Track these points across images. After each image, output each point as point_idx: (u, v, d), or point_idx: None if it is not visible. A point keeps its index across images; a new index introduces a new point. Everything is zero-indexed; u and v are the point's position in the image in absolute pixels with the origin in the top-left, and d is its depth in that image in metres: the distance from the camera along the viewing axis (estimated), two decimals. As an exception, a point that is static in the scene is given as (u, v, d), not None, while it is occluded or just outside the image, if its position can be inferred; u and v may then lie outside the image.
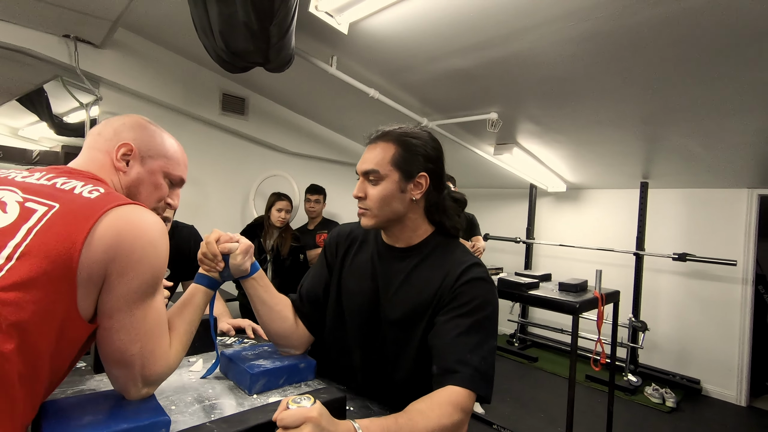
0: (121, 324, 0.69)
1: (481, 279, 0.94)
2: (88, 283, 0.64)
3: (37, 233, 0.61)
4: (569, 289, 2.41)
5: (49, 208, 0.64)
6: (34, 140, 6.22)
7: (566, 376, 3.65)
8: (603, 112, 2.61)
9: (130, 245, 0.66)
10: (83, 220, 0.63)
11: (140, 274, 0.68)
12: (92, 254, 0.63)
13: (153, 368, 0.74)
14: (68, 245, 0.61)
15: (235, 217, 3.56)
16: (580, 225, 4.34)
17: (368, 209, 0.98)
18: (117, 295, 0.67)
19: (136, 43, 2.80)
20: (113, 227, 0.65)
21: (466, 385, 0.81)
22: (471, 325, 0.88)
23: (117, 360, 0.71)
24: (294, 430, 0.60)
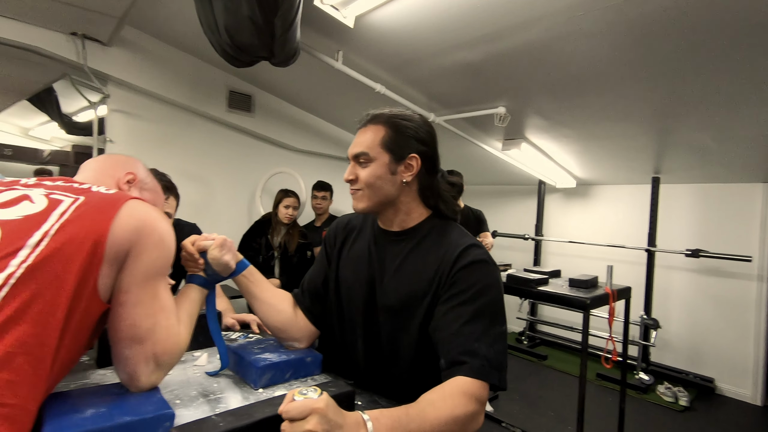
0: (136, 298, 0.74)
1: (480, 261, 0.90)
2: (114, 261, 0.71)
3: (70, 217, 0.69)
4: (579, 285, 2.37)
5: (75, 199, 0.73)
6: (46, 140, 6.30)
7: (576, 375, 3.61)
8: (613, 105, 2.56)
9: (151, 229, 0.76)
10: (108, 208, 0.73)
11: (157, 254, 0.77)
12: (120, 233, 0.71)
13: (165, 344, 0.77)
14: (100, 223, 0.70)
15: (242, 215, 3.56)
16: (590, 221, 4.28)
17: (359, 190, 0.98)
18: (135, 271, 0.74)
19: (143, 40, 2.81)
20: (136, 214, 0.75)
21: (476, 375, 0.78)
22: (474, 313, 0.84)
23: (130, 336, 0.74)
24: (300, 422, 0.59)
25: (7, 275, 0.61)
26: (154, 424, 0.71)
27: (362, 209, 0.99)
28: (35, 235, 0.66)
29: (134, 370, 0.76)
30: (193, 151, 3.21)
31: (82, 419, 0.67)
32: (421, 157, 0.97)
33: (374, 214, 1.03)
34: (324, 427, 0.59)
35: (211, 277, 1.00)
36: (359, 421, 0.65)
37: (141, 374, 0.76)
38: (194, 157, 3.22)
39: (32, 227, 0.67)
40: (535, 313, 4.60)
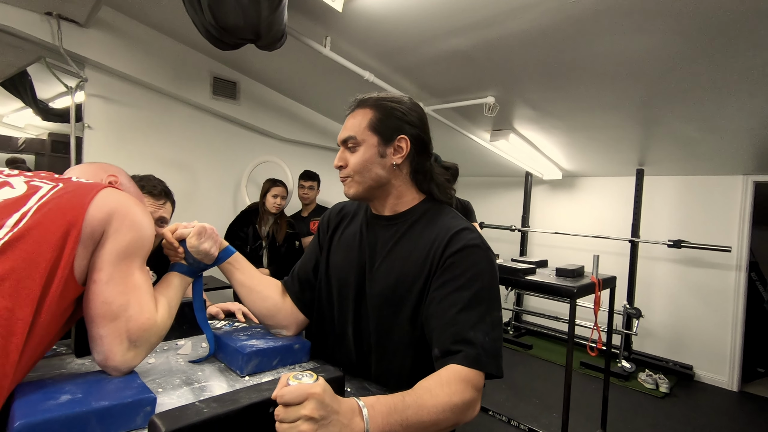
0: (109, 276, 0.75)
1: (473, 246, 0.87)
2: (89, 242, 0.73)
3: (47, 200, 0.72)
4: (566, 274, 2.39)
5: (55, 185, 0.76)
6: (20, 127, 6.07)
7: (561, 364, 3.67)
8: (601, 95, 2.57)
9: (125, 211, 0.78)
10: (86, 192, 0.76)
11: (131, 235, 0.78)
12: (95, 214, 0.74)
13: (138, 321, 0.77)
14: (76, 206, 0.73)
15: (227, 204, 3.50)
16: (576, 213, 4.33)
17: (349, 177, 0.96)
18: (109, 249, 0.75)
19: (121, 22, 2.70)
20: (112, 198, 0.79)
21: (471, 364, 0.76)
22: (470, 300, 0.82)
23: (104, 313, 0.74)
24: (296, 407, 0.56)
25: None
26: (133, 409, 0.68)
27: (353, 195, 0.97)
28: (13, 216, 0.68)
29: (109, 349, 0.75)
30: (175, 139, 3.13)
31: (56, 405, 0.64)
32: (411, 139, 0.94)
33: (366, 200, 1.01)
34: (320, 413, 0.56)
35: (193, 265, 0.98)
36: (354, 407, 0.63)
37: (116, 353, 0.75)
38: (177, 144, 3.14)
39: (11, 210, 0.69)
40: (520, 304, 4.65)
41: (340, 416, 0.59)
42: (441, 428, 0.71)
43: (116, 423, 0.66)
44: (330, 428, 0.57)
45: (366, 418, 0.62)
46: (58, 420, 0.61)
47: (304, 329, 1.13)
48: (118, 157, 2.82)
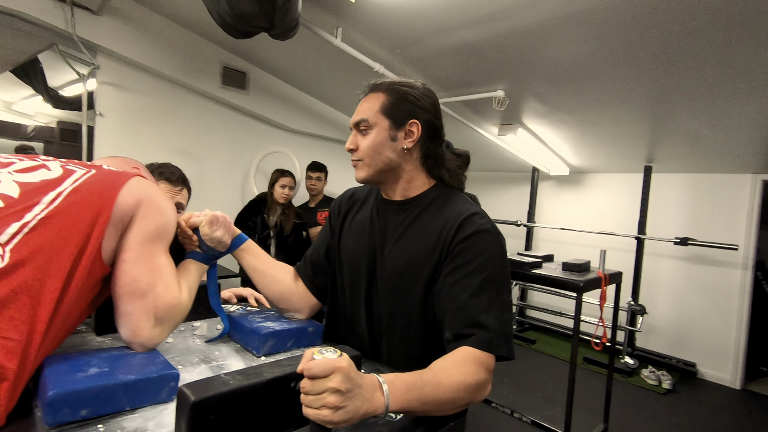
0: (138, 255, 0.79)
1: (484, 231, 0.88)
2: (118, 224, 0.78)
3: (82, 183, 0.77)
4: (573, 268, 2.40)
5: (88, 171, 0.81)
6: (29, 115, 6.11)
7: (564, 359, 3.68)
8: (611, 90, 2.56)
9: (152, 198, 0.83)
10: (117, 178, 0.81)
11: (158, 220, 0.83)
12: (125, 199, 0.78)
13: (165, 299, 0.81)
14: (108, 192, 0.77)
15: (235, 194, 3.52)
16: (582, 209, 4.32)
17: (360, 160, 0.97)
18: (136, 231, 0.80)
19: (134, 10, 2.72)
20: (141, 185, 0.83)
21: (483, 347, 0.78)
22: (481, 284, 0.83)
23: (132, 291, 0.78)
24: (322, 380, 0.57)
25: (22, 224, 0.68)
26: (158, 384, 0.70)
27: (363, 178, 0.98)
28: (50, 194, 0.73)
29: (136, 325, 0.78)
30: (185, 128, 3.15)
31: (85, 377, 0.66)
32: (423, 123, 0.95)
33: (376, 183, 1.01)
34: (346, 386, 0.58)
35: (207, 252, 1.01)
36: (376, 383, 0.64)
37: (143, 329, 0.79)
38: (186, 133, 3.16)
39: (48, 188, 0.74)
40: (525, 299, 4.67)
41: (363, 390, 0.61)
42: (455, 407, 0.73)
43: (142, 396, 0.69)
44: (354, 401, 0.59)
45: (386, 394, 0.64)
46: (88, 391, 0.63)
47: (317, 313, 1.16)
48: (128, 145, 2.84)
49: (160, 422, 0.67)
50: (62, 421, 0.61)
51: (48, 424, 0.61)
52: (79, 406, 0.62)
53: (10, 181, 0.74)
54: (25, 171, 0.77)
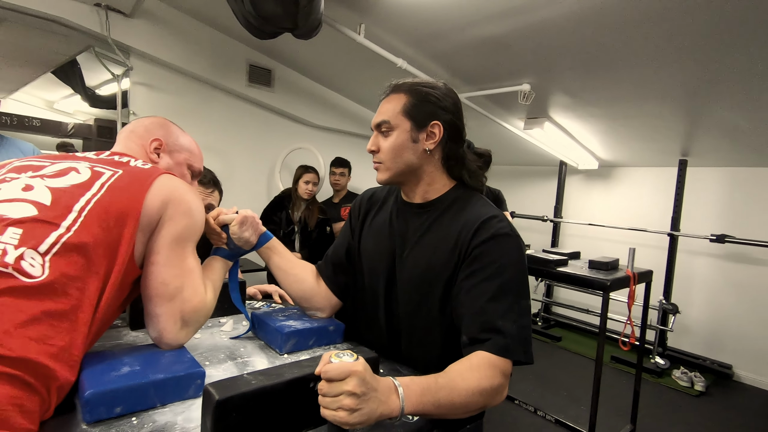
0: (166, 259, 0.81)
1: (502, 235, 0.87)
2: (147, 228, 0.79)
3: (109, 187, 0.78)
4: (600, 266, 2.34)
5: (115, 173, 0.81)
6: (69, 113, 6.40)
7: (590, 357, 3.61)
8: (644, 83, 2.46)
9: (179, 199, 0.83)
10: (144, 179, 0.81)
11: (186, 221, 0.84)
12: (152, 203, 0.79)
13: (192, 303, 0.83)
14: (135, 195, 0.78)
15: (261, 189, 3.60)
16: (612, 204, 4.19)
17: (381, 162, 0.97)
18: (164, 234, 0.81)
19: (164, 11, 2.80)
20: (168, 186, 0.83)
21: (500, 352, 0.78)
22: (499, 289, 0.83)
23: (161, 294, 0.81)
24: (339, 383, 0.60)
25: (59, 234, 0.69)
26: (186, 381, 0.74)
27: (384, 180, 0.98)
28: (81, 200, 0.74)
29: (163, 327, 0.82)
30: (213, 125, 3.23)
31: (118, 376, 0.70)
32: (445, 124, 0.94)
33: (397, 185, 1.02)
34: (362, 389, 0.60)
35: (233, 250, 1.04)
36: (391, 386, 0.66)
37: (170, 331, 0.82)
38: (214, 131, 3.24)
39: (78, 194, 0.75)
40: (550, 295, 4.59)
41: (379, 393, 0.63)
42: (470, 410, 0.74)
43: (171, 393, 0.73)
44: (369, 404, 0.61)
45: (401, 397, 0.65)
46: (121, 390, 0.68)
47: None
48: (160, 143, 2.93)
49: (188, 417, 0.71)
50: (99, 418, 0.66)
51: (86, 421, 0.65)
52: (113, 404, 0.67)
53: (42, 186, 0.76)
54: (55, 176, 0.79)
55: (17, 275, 0.63)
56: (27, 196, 0.73)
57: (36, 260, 0.65)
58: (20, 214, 0.69)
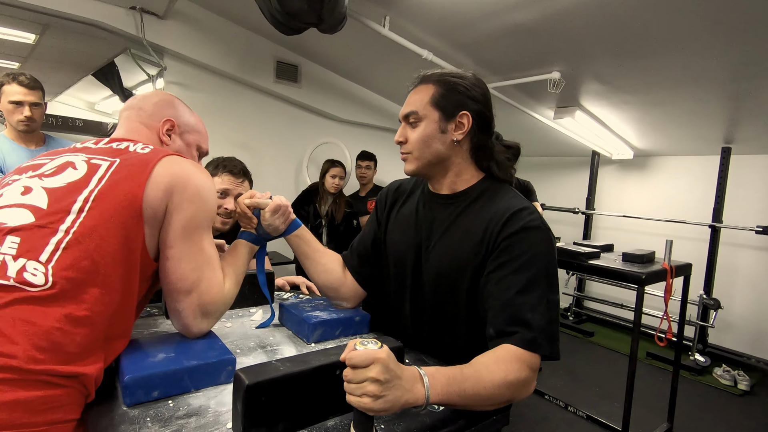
0: (181, 252, 0.78)
1: (532, 228, 0.85)
2: (153, 221, 0.75)
3: (107, 181, 0.73)
4: (634, 259, 2.26)
5: (112, 163, 0.76)
6: (109, 114, 6.70)
7: (624, 353, 3.50)
8: (682, 67, 2.34)
9: (183, 183, 0.78)
10: (142, 167, 0.75)
11: (195, 207, 0.79)
12: (153, 193, 0.74)
13: (210, 295, 0.82)
14: (134, 187, 0.73)
15: (289, 184, 3.66)
16: (648, 195, 4.03)
17: (409, 153, 0.96)
18: (175, 225, 0.77)
19: (195, 11, 2.88)
20: (168, 171, 0.77)
21: (527, 346, 0.77)
22: (527, 282, 0.81)
23: (179, 289, 0.79)
24: (362, 370, 0.61)
25: (58, 240, 0.66)
26: (218, 368, 0.77)
27: (412, 171, 0.98)
28: (78, 200, 0.70)
29: (186, 322, 0.83)
30: (242, 121, 3.31)
31: (155, 362, 0.74)
32: (473, 115, 0.93)
33: (425, 176, 1.01)
34: (385, 376, 0.61)
35: (261, 235, 1.04)
36: (416, 375, 0.67)
37: (192, 324, 0.83)
38: (243, 127, 3.32)
39: (75, 192, 0.71)
40: (582, 289, 4.47)
41: (403, 381, 0.63)
42: (496, 403, 0.74)
43: (204, 379, 0.77)
44: (394, 391, 0.62)
45: (427, 386, 0.66)
46: (158, 375, 0.72)
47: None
48: (192, 140, 3.03)
49: (221, 401, 0.74)
50: (137, 401, 0.70)
51: (126, 404, 0.70)
52: (150, 388, 0.71)
53: (39, 188, 0.72)
54: (52, 174, 0.75)
55: (22, 286, 0.61)
56: (24, 200, 0.70)
57: (39, 270, 0.63)
58: (18, 221, 0.67)
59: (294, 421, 0.67)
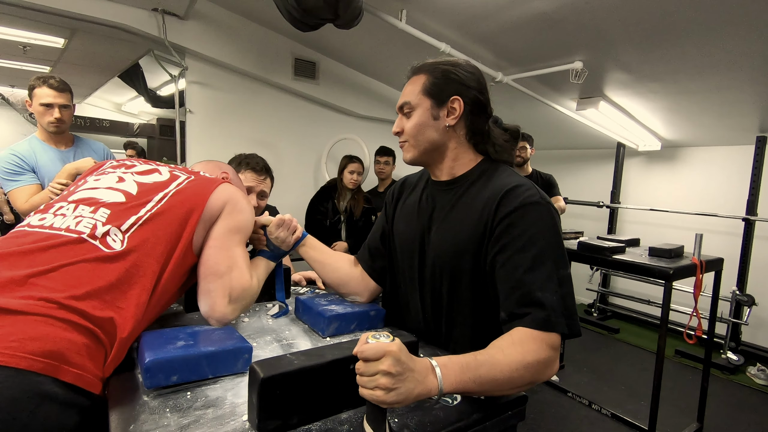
0: (221, 243, 0.94)
1: (530, 203, 0.83)
2: (207, 222, 0.94)
3: (183, 187, 0.96)
4: (662, 254, 2.19)
5: (188, 177, 1.00)
6: (135, 114, 6.90)
7: (651, 350, 3.40)
8: (714, 53, 2.24)
9: (236, 200, 0.99)
10: (210, 184, 0.99)
11: (239, 217, 0.98)
12: (214, 202, 0.95)
13: (239, 282, 0.94)
14: (202, 194, 0.95)
15: (308, 180, 3.69)
16: (677, 187, 3.88)
17: (406, 141, 0.99)
18: (221, 225, 0.96)
19: (214, 11, 2.92)
20: (227, 190, 0.99)
21: (541, 327, 0.75)
22: (534, 259, 0.79)
23: (214, 272, 0.93)
24: (374, 363, 0.61)
25: (138, 217, 0.86)
26: (235, 355, 0.79)
27: (410, 159, 1.00)
28: (159, 194, 0.92)
29: (214, 301, 0.91)
30: (261, 119, 3.35)
31: (174, 348, 0.76)
32: (465, 99, 0.94)
33: (423, 164, 1.02)
34: (397, 369, 0.60)
35: (274, 251, 1.14)
36: (428, 366, 0.66)
37: (219, 305, 0.91)
38: (262, 124, 3.36)
39: (158, 189, 0.94)
40: (607, 285, 4.36)
41: (416, 373, 0.63)
42: (517, 386, 0.73)
43: (221, 365, 0.78)
44: (406, 384, 0.62)
45: (439, 376, 0.66)
46: (177, 359, 0.74)
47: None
48: (212, 137, 3.10)
49: (237, 392, 0.75)
50: (158, 385, 0.73)
51: (147, 387, 0.72)
52: (170, 372, 0.73)
53: (131, 180, 0.95)
54: (143, 174, 0.98)
55: (101, 247, 0.79)
56: (119, 186, 0.93)
57: (117, 236, 0.82)
58: (111, 199, 0.89)
59: (308, 414, 0.67)
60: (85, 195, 0.91)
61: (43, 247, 0.78)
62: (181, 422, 0.66)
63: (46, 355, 0.64)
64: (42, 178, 1.92)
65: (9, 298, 0.68)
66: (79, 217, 0.84)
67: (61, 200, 0.91)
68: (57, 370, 0.65)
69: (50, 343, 0.66)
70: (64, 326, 0.69)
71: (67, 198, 0.91)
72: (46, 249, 0.77)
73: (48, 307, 0.69)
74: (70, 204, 0.88)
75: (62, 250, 0.78)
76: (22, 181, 1.87)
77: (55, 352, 0.65)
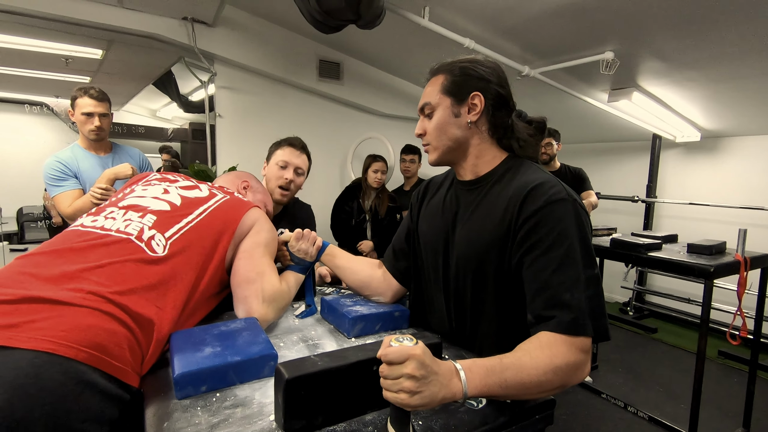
0: (250, 255, 1.04)
1: (556, 201, 0.80)
2: (238, 239, 1.04)
3: (220, 205, 1.07)
4: (702, 251, 2.09)
5: (225, 196, 1.11)
6: (168, 119, 7.16)
7: (692, 350, 3.25)
8: (755, 35, 2.11)
9: (262, 222, 1.10)
10: (242, 206, 1.09)
11: (265, 234, 1.09)
12: (246, 221, 1.06)
13: (270, 284, 1.03)
14: (236, 215, 1.06)
15: (334, 180, 3.73)
16: (718, 180, 3.69)
17: (429, 143, 0.98)
18: (249, 240, 1.06)
19: (240, 17, 2.99)
20: (258, 214, 1.11)
21: (567, 330, 0.73)
22: (561, 259, 0.77)
23: (246, 279, 1.01)
24: (398, 366, 0.61)
25: (180, 226, 0.96)
26: (260, 363, 0.81)
27: (434, 160, 0.99)
28: (199, 209, 1.02)
29: (250, 306, 1.00)
30: (287, 121, 3.41)
31: (203, 358, 0.79)
32: (486, 94, 0.92)
33: (448, 164, 1.01)
34: (420, 372, 0.60)
35: (300, 264, 1.21)
36: (452, 369, 0.66)
37: (255, 308, 1.00)
38: (289, 126, 3.42)
39: (199, 204, 1.04)
40: (643, 283, 4.20)
41: (440, 377, 0.63)
42: (546, 390, 0.71)
43: (247, 373, 0.81)
44: (430, 387, 0.61)
45: (464, 380, 0.65)
46: (205, 371, 0.76)
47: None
48: (241, 140, 3.18)
49: (264, 392, 0.77)
50: (188, 395, 0.75)
51: (178, 398, 0.75)
52: (199, 383, 0.76)
53: (176, 193, 1.06)
54: (186, 188, 1.10)
55: (146, 250, 0.87)
56: (164, 197, 1.04)
57: (161, 242, 0.90)
58: (158, 207, 0.99)
59: (333, 415, 0.68)
60: (134, 202, 1.00)
61: (95, 245, 0.84)
62: (212, 421, 0.68)
63: (91, 346, 0.68)
64: (84, 183, 2.02)
65: (60, 290, 0.72)
66: (128, 220, 0.93)
67: (111, 205, 1.00)
68: (100, 361, 0.68)
69: (95, 334, 0.69)
70: (109, 319, 0.73)
71: (117, 204, 1.00)
72: (97, 247, 0.84)
73: (95, 301, 0.73)
74: (120, 209, 0.97)
75: (111, 248, 0.84)
76: (66, 186, 1.98)
77: (99, 344, 0.69)
